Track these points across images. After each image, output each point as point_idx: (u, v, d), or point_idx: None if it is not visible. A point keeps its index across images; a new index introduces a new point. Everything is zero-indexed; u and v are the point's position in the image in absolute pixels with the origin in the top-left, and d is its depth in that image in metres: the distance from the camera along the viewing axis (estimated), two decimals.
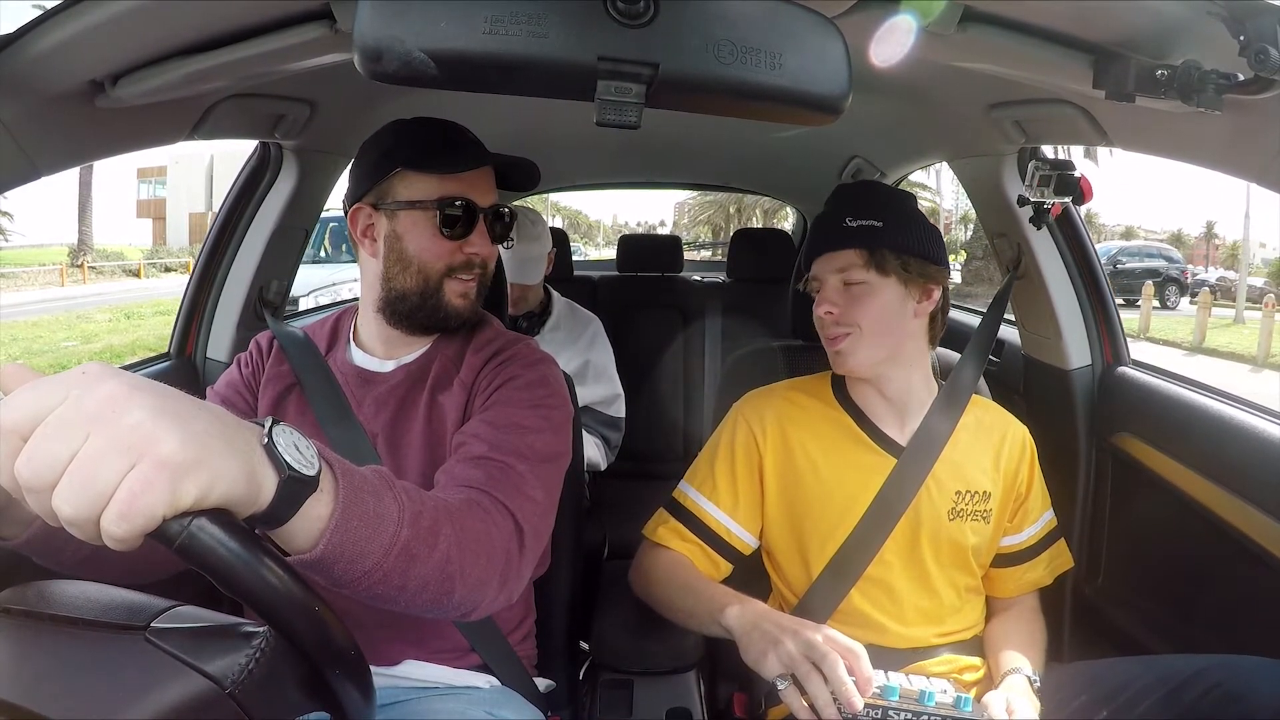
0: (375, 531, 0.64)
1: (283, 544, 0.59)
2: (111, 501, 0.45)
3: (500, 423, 0.95)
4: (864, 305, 1.14)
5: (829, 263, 1.17)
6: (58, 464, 0.45)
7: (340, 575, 0.63)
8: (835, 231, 1.17)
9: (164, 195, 28.49)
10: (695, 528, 1.20)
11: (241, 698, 0.51)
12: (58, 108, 0.94)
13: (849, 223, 1.16)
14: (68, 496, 0.45)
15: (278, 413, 1.07)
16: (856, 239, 1.15)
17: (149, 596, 0.57)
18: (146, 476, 0.45)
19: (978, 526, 1.19)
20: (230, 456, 0.50)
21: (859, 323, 1.14)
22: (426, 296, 1.04)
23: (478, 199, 1.03)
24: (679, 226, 36.87)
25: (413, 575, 0.69)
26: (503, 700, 1.03)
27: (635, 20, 0.62)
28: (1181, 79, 0.77)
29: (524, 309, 2.11)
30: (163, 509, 0.46)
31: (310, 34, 0.91)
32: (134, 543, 0.46)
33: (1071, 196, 1.36)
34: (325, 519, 0.60)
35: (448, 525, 0.74)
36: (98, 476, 0.45)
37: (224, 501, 0.50)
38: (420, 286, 1.03)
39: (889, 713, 0.96)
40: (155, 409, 0.47)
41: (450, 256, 1.03)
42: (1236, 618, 1.22)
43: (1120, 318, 1.64)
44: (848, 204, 1.20)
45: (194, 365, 1.62)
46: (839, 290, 1.16)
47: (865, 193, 1.26)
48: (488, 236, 1.05)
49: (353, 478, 0.63)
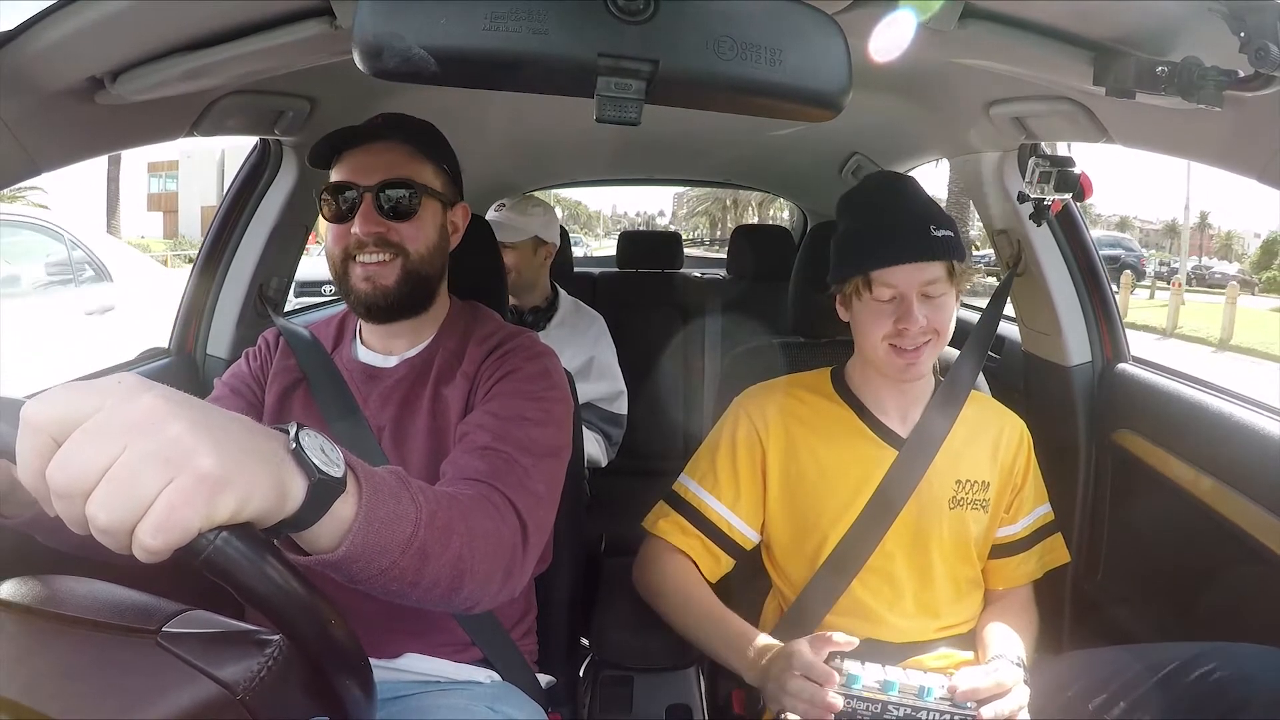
0: (394, 531, 0.65)
1: (305, 545, 0.59)
2: (149, 513, 0.45)
3: (503, 414, 0.96)
4: (944, 314, 1.12)
5: (916, 274, 1.10)
6: (93, 471, 0.44)
7: (358, 573, 0.64)
8: (922, 241, 1.10)
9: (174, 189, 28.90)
10: (696, 521, 1.21)
11: (251, 703, 0.52)
12: (58, 104, 0.94)
13: (935, 232, 1.10)
14: (104, 504, 0.44)
15: (284, 407, 1.08)
16: (942, 250, 1.10)
17: (160, 599, 0.57)
18: (186, 490, 0.45)
19: (977, 516, 1.20)
20: (263, 470, 0.51)
21: (939, 330, 1.13)
22: (340, 282, 1.05)
23: (360, 179, 1.03)
24: (677, 218, 36.90)
25: (426, 572, 0.70)
26: (504, 696, 1.03)
27: (635, 17, 0.62)
28: (1182, 76, 0.77)
29: (529, 302, 2.12)
30: (199, 523, 0.46)
31: (310, 31, 0.91)
32: (164, 555, 0.46)
33: (1072, 193, 1.36)
34: (349, 519, 0.60)
35: (460, 523, 0.75)
36: (137, 487, 0.44)
37: (256, 515, 0.50)
38: (334, 272, 1.06)
39: (888, 707, 0.96)
40: (193, 422, 0.47)
41: (344, 239, 1.03)
42: (1235, 613, 1.22)
43: (1120, 314, 1.64)
44: (918, 206, 1.14)
45: (194, 362, 1.62)
46: (922, 302, 1.11)
47: (919, 193, 1.18)
48: (374, 215, 1.02)
49: (373, 478, 0.64)
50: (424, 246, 1.05)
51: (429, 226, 1.06)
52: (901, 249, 1.11)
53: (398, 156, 1.04)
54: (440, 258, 1.09)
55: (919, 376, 1.18)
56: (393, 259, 1.03)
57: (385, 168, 1.03)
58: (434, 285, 1.09)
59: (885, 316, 1.12)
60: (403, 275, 1.04)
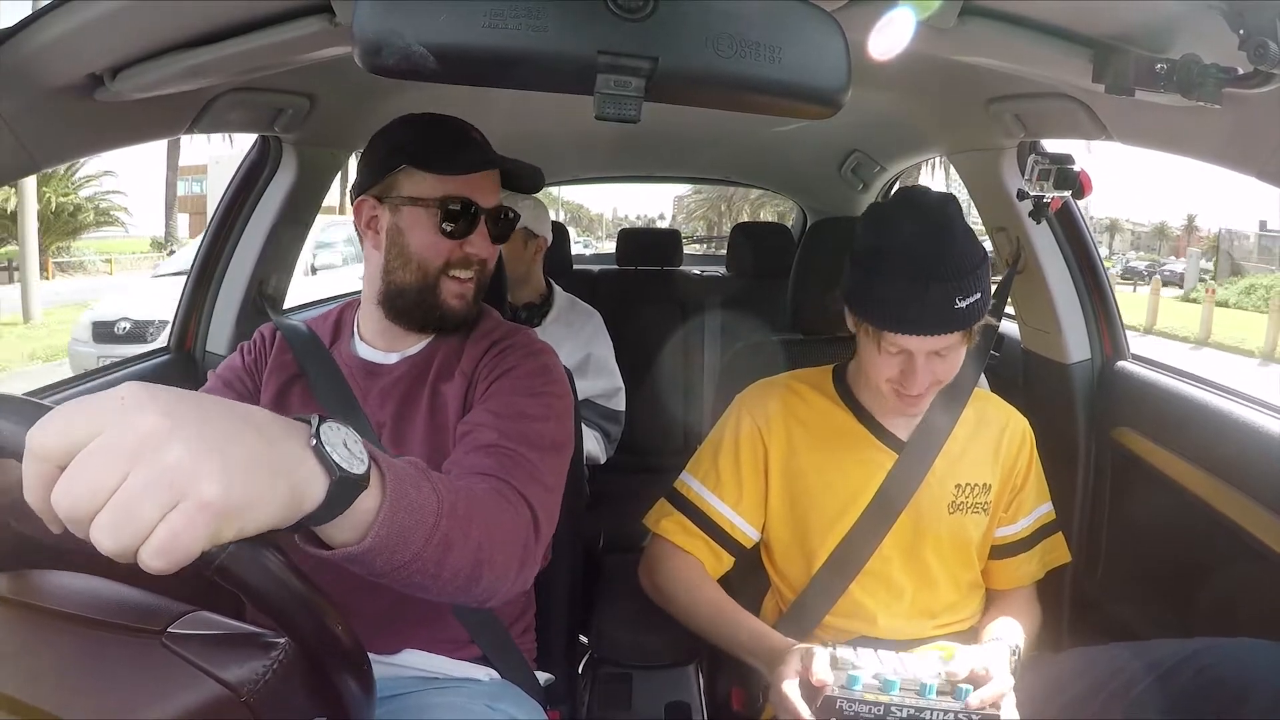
0: (418, 522, 0.65)
1: (327, 538, 0.59)
2: (150, 538, 0.44)
3: (504, 411, 0.96)
4: (950, 364, 1.10)
5: (929, 342, 1.05)
6: (97, 498, 0.44)
7: (381, 566, 0.63)
8: (944, 315, 1.03)
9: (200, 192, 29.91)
10: (698, 520, 1.21)
11: (255, 705, 0.52)
12: (57, 101, 0.94)
13: (960, 304, 1.03)
14: (107, 530, 0.44)
15: (283, 403, 1.08)
16: (962, 322, 1.04)
17: (165, 599, 0.58)
18: (188, 516, 0.45)
19: (978, 519, 1.19)
20: (272, 484, 0.50)
21: (943, 379, 1.11)
22: (424, 293, 1.04)
23: (480, 199, 1.03)
24: (677, 221, 37.05)
25: (447, 564, 0.70)
26: (503, 694, 1.03)
27: (635, 14, 0.62)
28: (1181, 73, 0.77)
29: (521, 297, 2.11)
30: (201, 546, 0.46)
31: (309, 28, 0.91)
32: (170, 572, 0.46)
33: (1071, 190, 1.36)
34: (373, 512, 0.60)
35: (478, 514, 0.76)
36: (138, 514, 0.44)
37: (265, 528, 0.50)
38: (419, 282, 1.04)
39: (890, 709, 0.94)
40: (196, 441, 0.46)
41: (449, 254, 1.03)
42: (1235, 611, 1.22)
43: (1120, 312, 1.65)
44: (948, 268, 1.03)
45: (193, 359, 1.62)
46: (929, 359, 1.08)
47: (955, 244, 1.05)
48: (488, 237, 1.05)
49: (396, 469, 0.64)
50: (493, 265, 1.11)
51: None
52: (919, 322, 1.04)
53: (496, 179, 1.08)
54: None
55: (919, 413, 1.18)
56: (476, 277, 1.07)
57: (495, 191, 1.07)
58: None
59: (891, 364, 1.10)
60: (477, 292, 1.08)
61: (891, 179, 2.67)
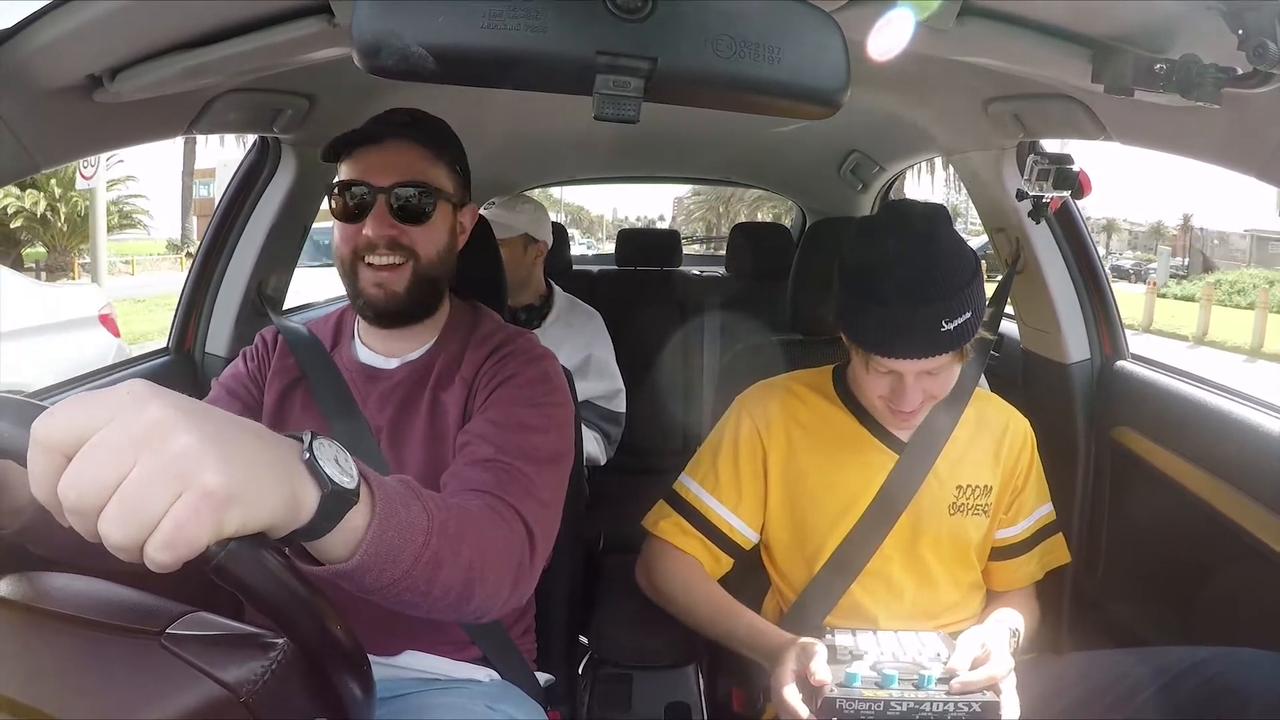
0: (407, 540, 0.65)
1: (318, 554, 0.59)
2: (157, 530, 0.45)
3: (504, 423, 0.95)
4: (942, 381, 1.10)
5: (917, 364, 1.05)
6: (104, 489, 0.44)
7: (371, 583, 0.63)
8: (931, 338, 1.02)
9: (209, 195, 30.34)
10: (697, 522, 1.20)
11: (254, 705, 0.52)
12: (56, 102, 0.94)
13: (945, 326, 1.01)
14: (115, 521, 0.44)
15: (284, 407, 1.07)
16: (950, 344, 1.03)
17: (164, 600, 0.58)
18: (192, 506, 0.45)
19: (978, 521, 1.19)
20: (273, 482, 0.51)
21: (936, 395, 1.11)
22: (350, 283, 1.04)
23: (373, 179, 1.00)
24: (676, 222, 37.18)
25: (438, 582, 0.70)
26: (503, 695, 1.03)
27: (634, 15, 0.62)
28: (1180, 73, 0.77)
29: (521, 300, 2.11)
30: (206, 538, 0.46)
31: (308, 29, 0.91)
32: (174, 567, 0.46)
33: (1070, 190, 1.36)
34: (362, 529, 0.60)
35: (470, 532, 0.75)
36: (144, 504, 0.44)
37: (266, 526, 0.50)
38: (342, 273, 1.04)
39: (890, 705, 0.94)
40: (202, 434, 0.47)
41: (354, 240, 1.01)
42: (1235, 611, 1.22)
43: (1120, 312, 1.65)
44: (935, 289, 1.01)
45: (192, 360, 1.62)
46: (920, 377, 1.07)
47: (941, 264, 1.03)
48: (386, 217, 1.00)
49: (385, 487, 0.64)
50: (434, 250, 1.04)
51: (440, 230, 1.04)
52: (906, 346, 1.03)
53: (412, 157, 1.02)
54: (449, 261, 1.08)
55: (913, 428, 1.18)
56: (403, 263, 1.01)
57: (400, 168, 1.01)
58: (441, 289, 1.09)
59: (881, 383, 1.10)
60: (413, 281, 1.02)
61: (891, 179, 2.68)
